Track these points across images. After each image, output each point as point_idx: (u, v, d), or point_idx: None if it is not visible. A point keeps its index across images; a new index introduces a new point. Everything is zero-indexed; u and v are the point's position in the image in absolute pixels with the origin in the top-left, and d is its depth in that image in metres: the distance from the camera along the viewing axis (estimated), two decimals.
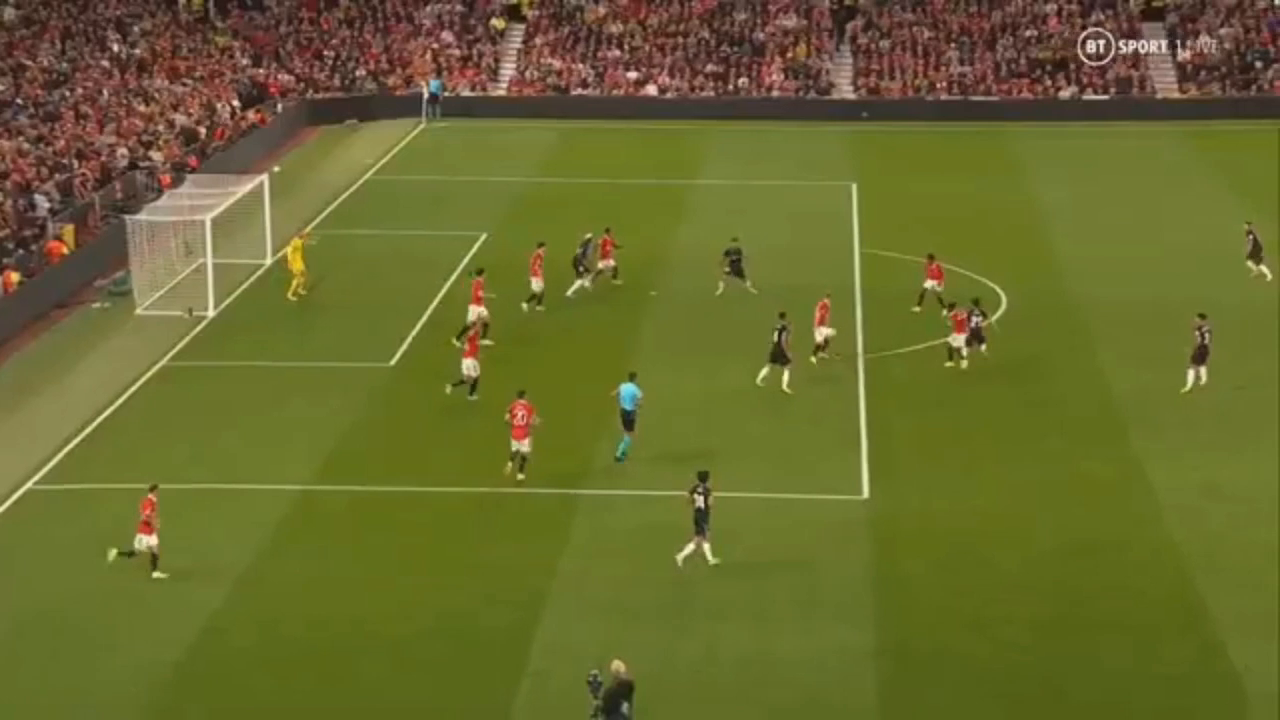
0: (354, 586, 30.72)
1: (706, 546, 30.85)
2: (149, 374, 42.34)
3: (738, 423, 38.16)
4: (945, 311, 43.44)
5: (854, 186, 61.90)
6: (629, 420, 36.09)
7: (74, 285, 49.57)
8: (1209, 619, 29.27)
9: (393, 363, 43.22)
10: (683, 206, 59.13)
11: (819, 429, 37.99)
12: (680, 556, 30.92)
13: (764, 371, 40.08)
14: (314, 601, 30.20)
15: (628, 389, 36.14)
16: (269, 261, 51.81)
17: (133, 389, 41.28)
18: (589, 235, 48.57)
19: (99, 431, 38.69)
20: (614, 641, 27.50)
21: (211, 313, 46.99)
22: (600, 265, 48.34)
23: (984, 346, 42.03)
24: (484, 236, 54.95)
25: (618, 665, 24.54)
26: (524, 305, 46.25)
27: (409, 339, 44.83)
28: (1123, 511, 33.88)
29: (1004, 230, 56.10)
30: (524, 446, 34.67)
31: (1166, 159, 67.37)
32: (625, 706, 24.29)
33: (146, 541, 30.67)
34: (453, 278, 50.14)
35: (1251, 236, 49.68)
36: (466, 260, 51.63)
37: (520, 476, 34.80)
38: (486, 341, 42.43)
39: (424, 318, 46.60)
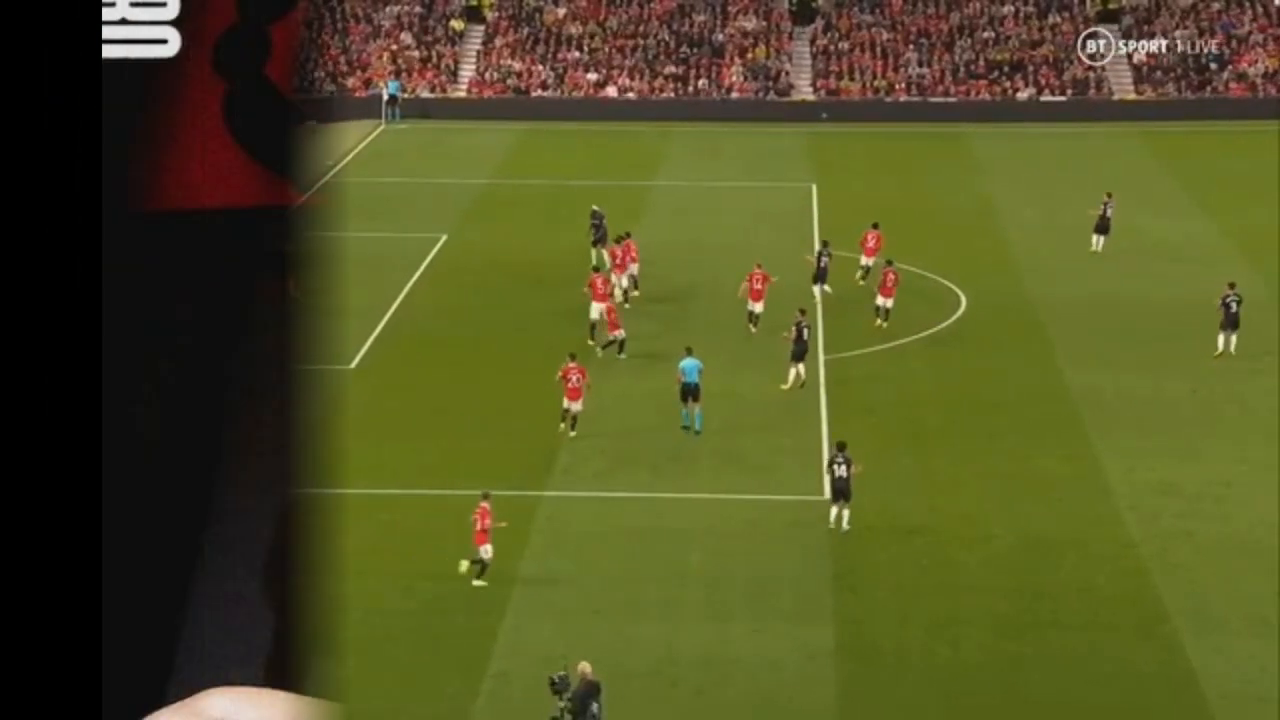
0: None
1: (846, 515, 32.13)
2: None
3: None
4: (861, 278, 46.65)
5: (814, 187, 62.06)
6: (695, 392, 37.01)
7: None
8: (1167, 618, 29.46)
9: (353, 365, 43.11)
10: (642, 207, 59.16)
11: (779, 429, 38.05)
12: (844, 527, 32.17)
13: (791, 374, 40.19)
14: None
15: (690, 363, 37.10)
16: None
17: None
18: (595, 208, 49.47)
19: None
20: (573, 642, 27.54)
21: None
22: (633, 270, 47.89)
23: (826, 285, 45.54)
24: (444, 238, 54.90)
25: (584, 666, 24.62)
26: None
27: (370, 341, 44.74)
28: (1080, 510, 34.07)
29: (963, 231, 56.30)
30: (576, 406, 36.80)
31: (1123, 159, 67.73)
32: (595, 706, 24.45)
33: (485, 551, 30.71)
34: (413, 279, 50.09)
35: (1105, 209, 51.35)
36: (427, 262, 51.61)
37: (572, 434, 36.78)
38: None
39: (385, 320, 46.50)
